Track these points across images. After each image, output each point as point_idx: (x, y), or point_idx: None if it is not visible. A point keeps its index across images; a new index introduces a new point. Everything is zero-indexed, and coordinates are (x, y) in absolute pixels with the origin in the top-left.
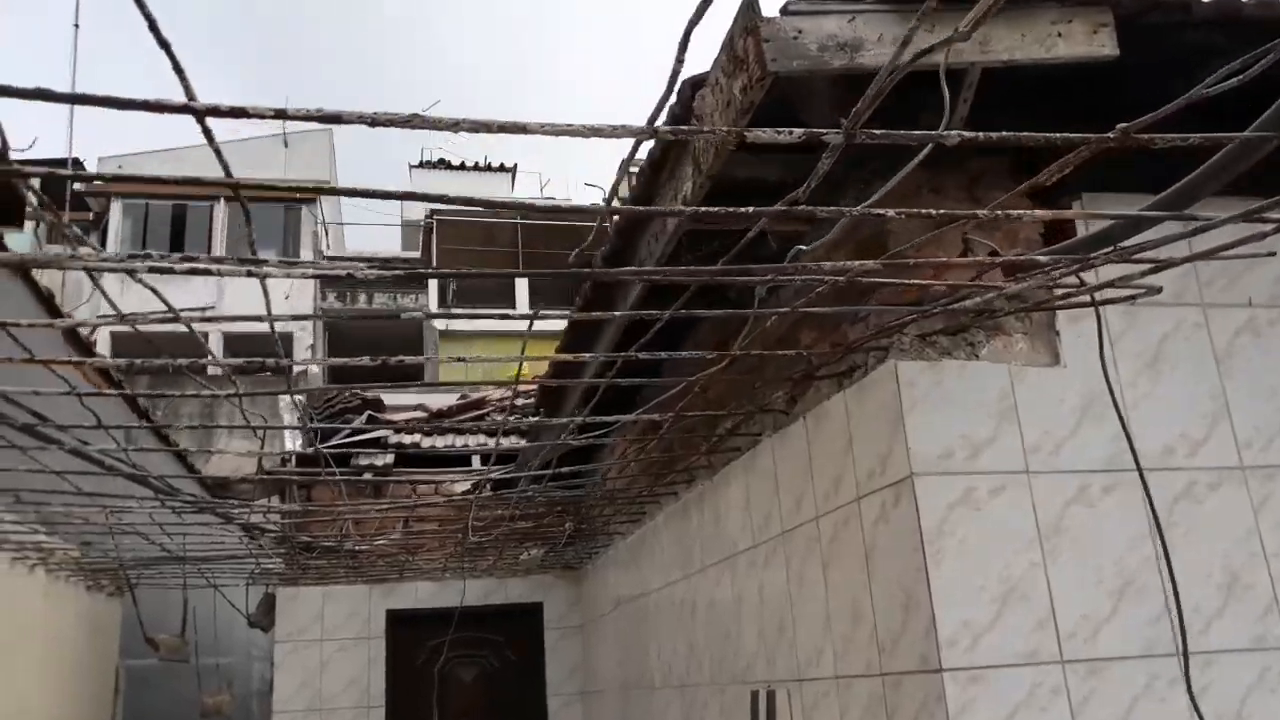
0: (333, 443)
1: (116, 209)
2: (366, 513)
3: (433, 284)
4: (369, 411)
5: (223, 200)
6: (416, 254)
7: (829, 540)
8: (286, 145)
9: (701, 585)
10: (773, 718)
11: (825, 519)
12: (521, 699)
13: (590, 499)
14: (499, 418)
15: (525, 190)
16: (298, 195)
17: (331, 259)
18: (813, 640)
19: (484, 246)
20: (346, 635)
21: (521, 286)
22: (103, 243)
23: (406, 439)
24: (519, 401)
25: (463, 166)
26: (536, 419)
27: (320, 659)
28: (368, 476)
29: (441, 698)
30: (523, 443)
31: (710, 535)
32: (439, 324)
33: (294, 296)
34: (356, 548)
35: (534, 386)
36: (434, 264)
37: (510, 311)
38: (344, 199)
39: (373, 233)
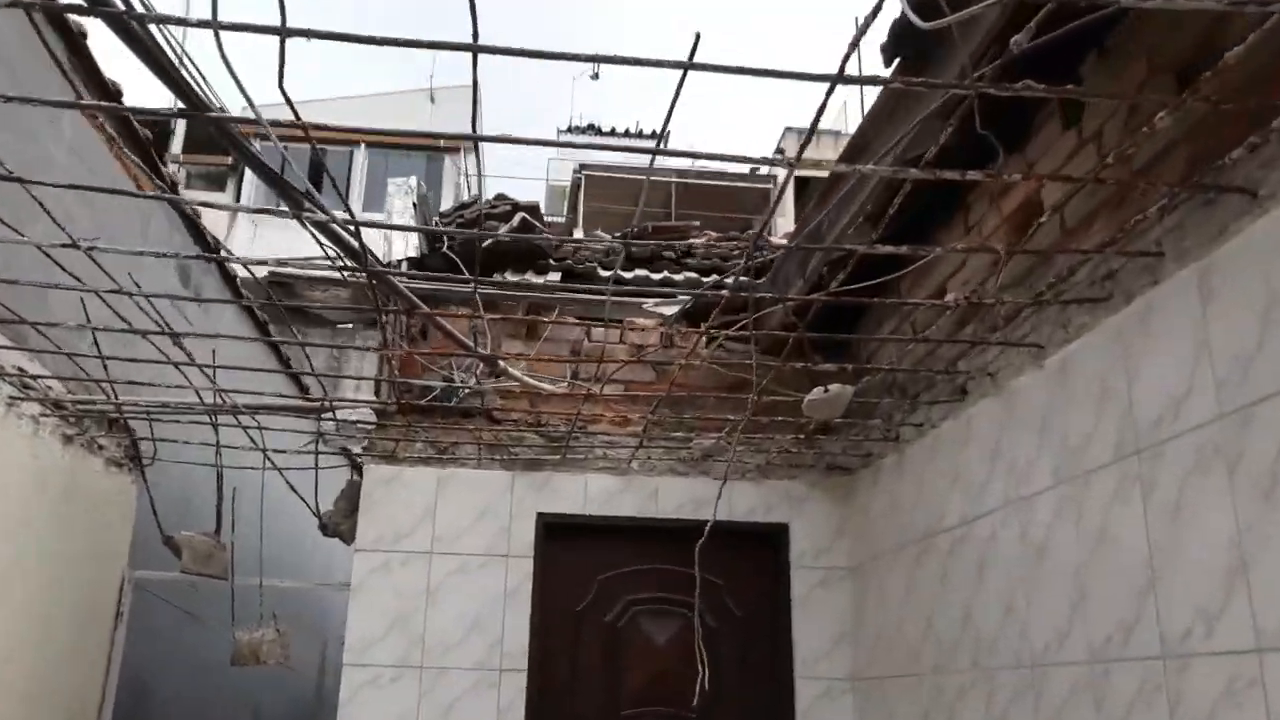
0: (459, 236)
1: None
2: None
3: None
4: (522, 214)
5: (363, 145)
6: (560, 219)
7: None
8: (433, 101)
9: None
10: None
11: None
12: (749, 678)
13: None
14: (727, 245)
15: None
16: (441, 145)
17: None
18: None
19: (632, 207)
20: (471, 549)
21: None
22: (239, 185)
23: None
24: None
25: (612, 132)
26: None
27: (426, 584)
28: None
29: (618, 664)
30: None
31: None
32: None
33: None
34: (493, 394)
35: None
36: (580, 220)
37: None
38: (489, 157)
39: (518, 190)
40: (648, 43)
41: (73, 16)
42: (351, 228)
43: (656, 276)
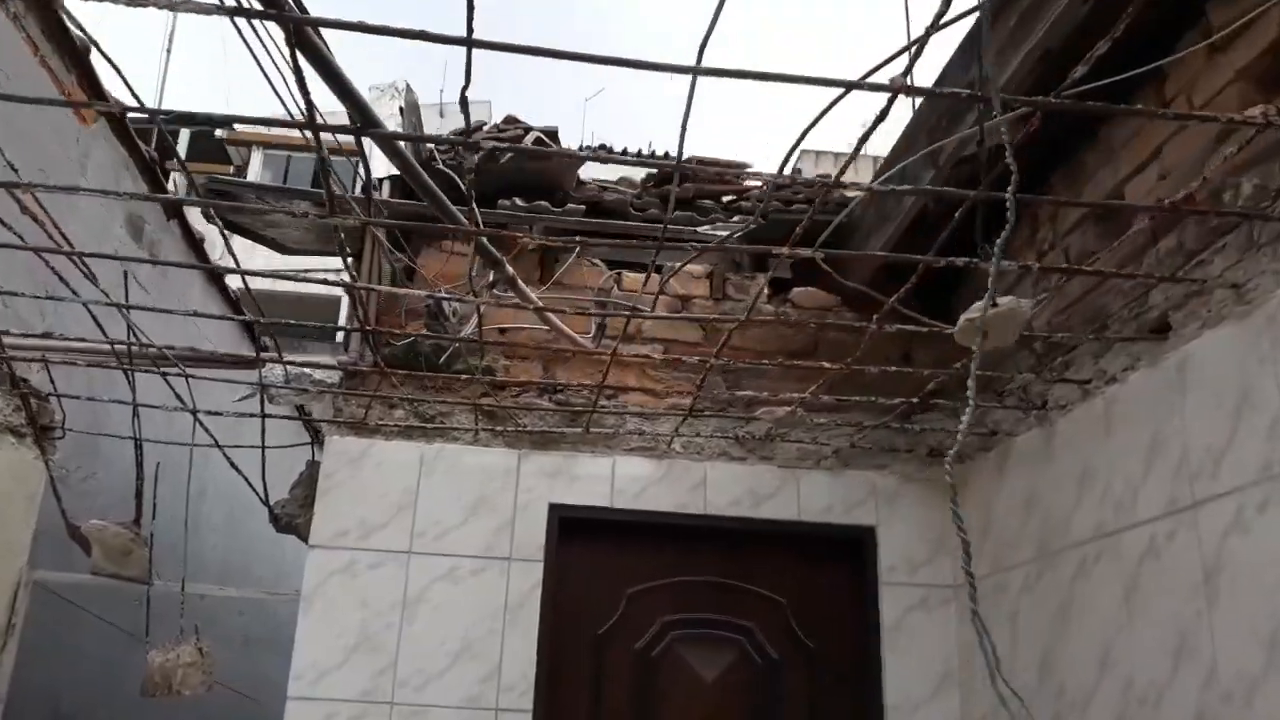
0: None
1: (257, 159)
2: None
3: None
4: (537, 134)
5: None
6: None
7: None
8: (442, 115)
9: None
10: None
11: None
12: None
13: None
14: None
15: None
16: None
17: None
18: None
19: None
20: (463, 549)
21: None
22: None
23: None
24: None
25: (624, 153)
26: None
27: (402, 593)
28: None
29: (651, 707)
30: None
31: None
32: None
33: None
34: (496, 354)
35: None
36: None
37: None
38: None
39: None
40: (671, 80)
41: None
42: None
43: (704, 222)
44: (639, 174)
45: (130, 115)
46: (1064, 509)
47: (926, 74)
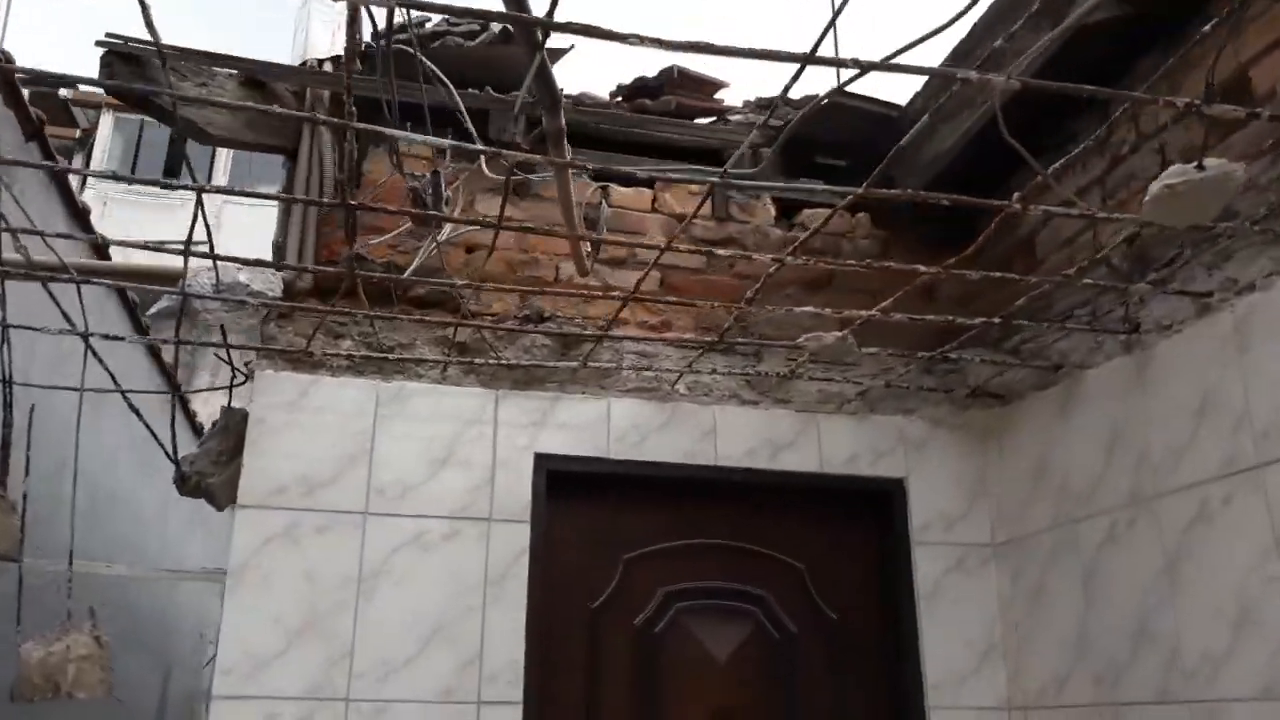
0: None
1: (107, 123)
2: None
3: None
4: (504, 26)
5: None
6: None
7: None
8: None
9: None
10: None
11: None
12: (853, 711)
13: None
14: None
15: None
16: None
17: None
18: None
19: None
20: (432, 509)
21: None
22: (88, 162)
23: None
24: None
25: (611, 36)
26: None
27: (358, 565)
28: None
29: (655, 690)
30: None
31: None
32: None
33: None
34: (465, 273)
35: None
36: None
37: None
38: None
39: None
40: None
41: None
42: None
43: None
44: (602, 92)
45: None
46: (1173, 444)
47: None
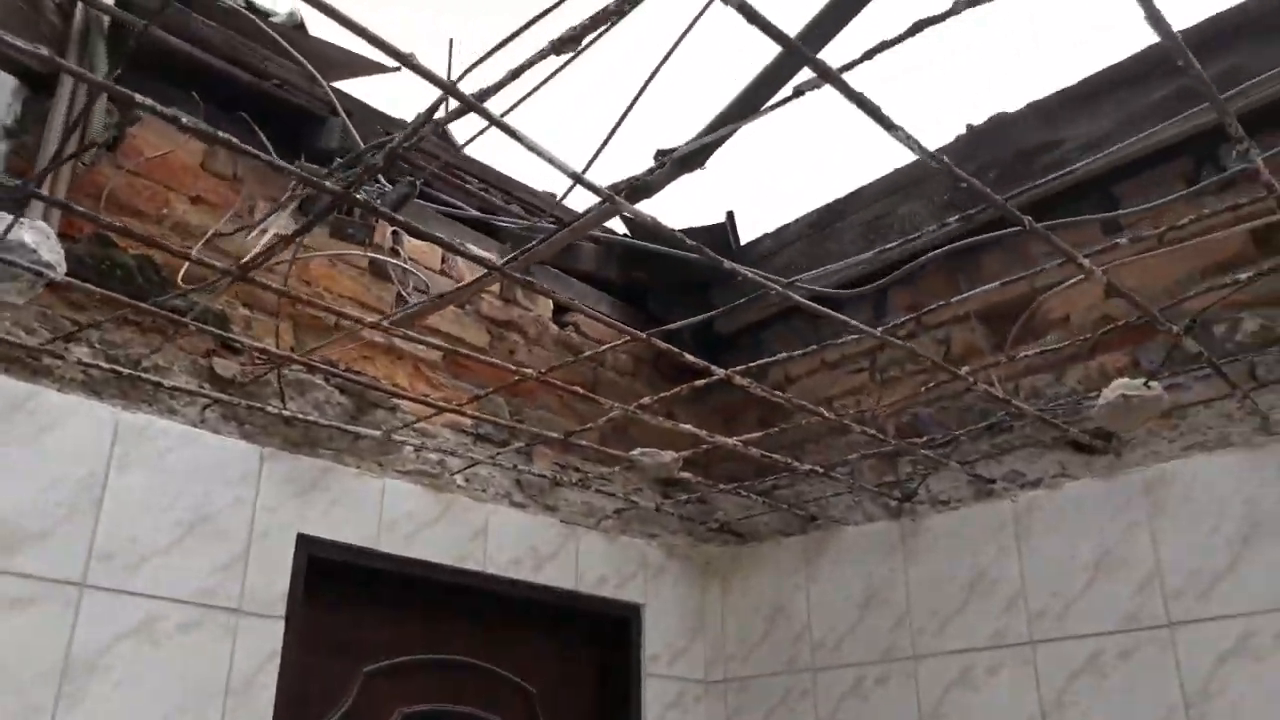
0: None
1: None
2: None
3: None
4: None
5: None
6: None
7: None
8: None
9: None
10: None
11: None
12: None
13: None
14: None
15: None
16: None
17: None
18: None
19: None
20: (172, 589)
21: None
22: None
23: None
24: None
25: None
26: None
27: (64, 655)
28: None
29: None
30: None
31: None
32: None
33: None
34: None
35: None
36: None
37: None
38: None
39: None
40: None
41: None
42: None
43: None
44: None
45: None
46: (941, 610)
47: None
